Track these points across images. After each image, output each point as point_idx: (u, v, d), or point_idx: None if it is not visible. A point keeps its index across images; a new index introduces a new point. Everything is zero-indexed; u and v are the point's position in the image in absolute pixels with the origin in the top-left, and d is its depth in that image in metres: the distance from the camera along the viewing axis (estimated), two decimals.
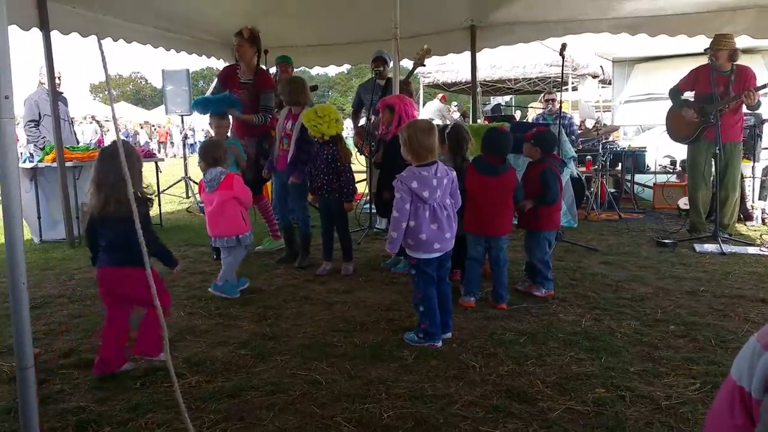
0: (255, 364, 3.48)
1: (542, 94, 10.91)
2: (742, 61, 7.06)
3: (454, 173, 3.85)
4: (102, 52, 2.04)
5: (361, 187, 7.88)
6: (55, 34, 6.85)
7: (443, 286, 3.90)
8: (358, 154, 7.45)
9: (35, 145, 7.92)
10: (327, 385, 3.17)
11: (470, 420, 2.76)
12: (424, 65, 7.31)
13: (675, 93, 7.38)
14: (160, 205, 8.78)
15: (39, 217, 7.34)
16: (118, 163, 2.93)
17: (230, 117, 6.28)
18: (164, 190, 9.31)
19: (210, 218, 4.96)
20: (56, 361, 3.59)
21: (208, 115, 6.27)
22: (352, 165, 5.63)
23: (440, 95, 15.55)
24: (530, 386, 3.10)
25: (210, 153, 4.96)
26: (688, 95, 7.33)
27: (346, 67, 12.66)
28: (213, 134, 6.27)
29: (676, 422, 2.69)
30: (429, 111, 14.06)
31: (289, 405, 2.96)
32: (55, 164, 7.08)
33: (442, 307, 3.83)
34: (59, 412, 2.93)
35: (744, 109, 7.07)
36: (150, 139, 34.50)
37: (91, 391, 3.17)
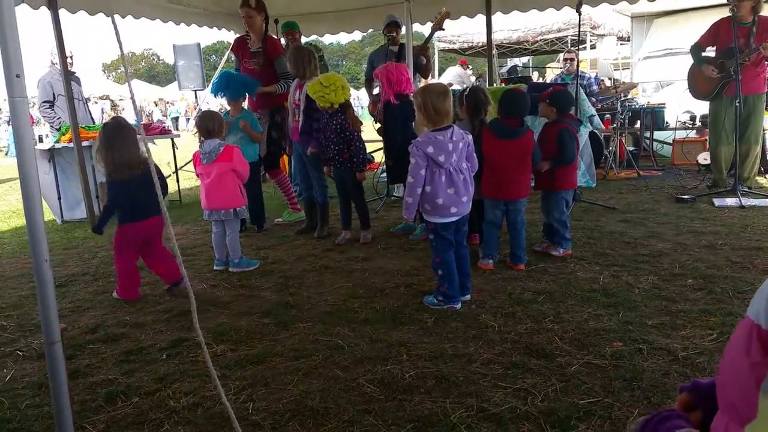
0: (278, 332, 3.59)
1: (561, 54, 10.82)
2: (766, 10, 6.95)
3: (470, 137, 3.87)
4: (116, 27, 2.08)
5: (379, 156, 7.93)
6: (65, 15, 6.90)
7: (461, 249, 3.95)
8: (374, 122, 7.49)
9: (51, 125, 8.05)
10: (349, 349, 3.27)
11: (489, 377, 2.84)
12: (443, 29, 7.28)
13: (696, 50, 7.28)
14: (178, 181, 8.89)
15: (59, 198, 7.48)
16: (124, 133, 4.19)
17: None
18: (182, 167, 9.38)
19: (207, 190, 4.93)
20: (83, 336, 3.71)
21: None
22: (362, 133, 5.65)
23: (460, 60, 15.44)
24: (548, 343, 3.18)
25: (203, 124, 4.99)
26: (710, 51, 7.24)
27: (359, 35, 12.60)
28: (229, 109, 6.29)
29: (692, 372, 2.75)
30: (449, 76, 13.98)
31: (312, 369, 3.05)
32: (72, 144, 7.19)
33: (460, 270, 3.90)
34: (88, 385, 3.04)
35: None
36: (165, 116, 34.68)
37: (119, 364, 3.28)
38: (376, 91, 7.38)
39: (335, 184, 5.77)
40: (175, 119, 32.47)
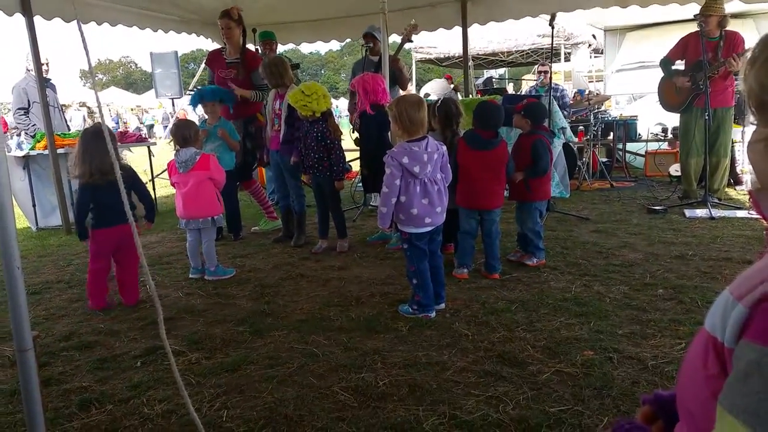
0: (253, 340, 3.58)
1: (535, 66, 10.92)
2: (733, 26, 7.10)
3: (444, 147, 3.91)
4: (82, 35, 2.06)
5: (356, 165, 7.94)
6: (41, 21, 6.85)
7: (435, 258, 3.98)
8: (352, 132, 7.50)
9: (26, 132, 7.95)
10: (324, 357, 3.27)
11: (462, 384, 2.86)
12: (412, 41, 7.32)
13: (665, 63, 7.42)
14: (154, 189, 8.82)
15: (34, 205, 7.40)
16: (101, 140, 4.01)
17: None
18: (158, 175, 9.32)
19: (184, 199, 4.91)
20: (57, 344, 3.68)
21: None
22: (342, 142, 5.67)
23: (445, 75, 15.54)
24: (521, 351, 3.21)
25: (179, 132, 4.95)
26: (679, 65, 7.37)
27: (337, 45, 12.61)
28: (207, 118, 6.28)
29: (661, 380, 2.80)
30: (429, 87, 14.07)
31: (287, 377, 3.06)
32: (46, 152, 7.11)
33: (435, 279, 3.92)
34: (62, 392, 3.02)
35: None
36: (141, 123, 34.39)
37: (93, 371, 3.26)
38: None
39: (313, 193, 5.78)
40: (150, 127, 32.31)
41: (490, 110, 4.63)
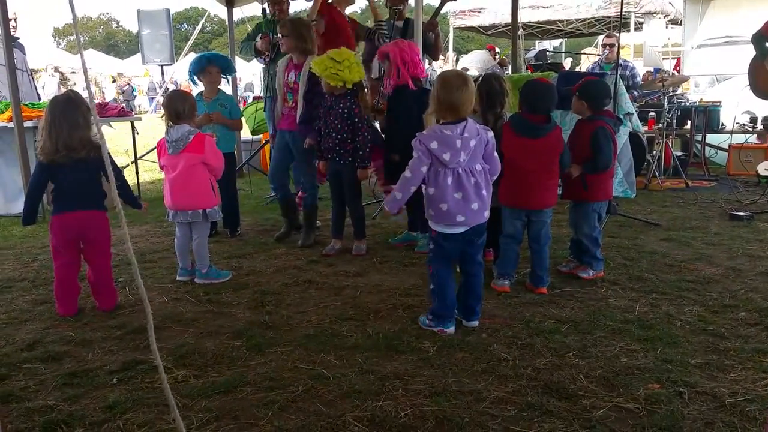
0: (251, 357, 3.60)
1: (599, 37, 10.86)
2: None
3: (491, 134, 3.86)
4: None
5: None
6: None
7: (474, 265, 3.97)
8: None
9: None
10: (334, 380, 3.29)
11: (500, 419, 2.87)
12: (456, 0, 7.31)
13: (758, 39, 7.31)
14: (137, 172, 8.89)
15: None
16: (72, 111, 4.11)
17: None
18: (142, 156, 9.37)
19: (172, 186, 4.92)
20: (19, 354, 3.71)
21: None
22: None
23: (488, 45, 15.56)
24: (571, 381, 3.20)
25: (172, 105, 4.93)
26: None
27: (359, 7, 12.59)
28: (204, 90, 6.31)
29: (741, 421, 2.78)
30: (470, 60, 14.07)
31: (290, 402, 3.07)
32: (11, 125, 7.16)
33: (470, 291, 3.95)
34: (24, 411, 3.04)
35: None
36: (120, 95, 34.62)
37: (61, 388, 3.29)
38: (374, 73, 7.39)
39: (329, 183, 5.78)
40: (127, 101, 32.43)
41: (541, 90, 4.60)
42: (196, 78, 6.20)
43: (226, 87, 6.52)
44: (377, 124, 6.25)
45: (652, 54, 12.82)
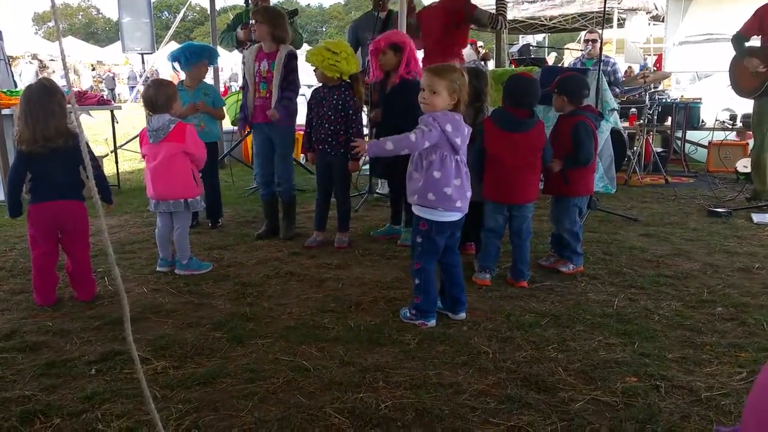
0: (231, 349, 3.61)
1: (582, 33, 10.89)
2: None
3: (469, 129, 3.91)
4: None
5: None
6: None
7: (453, 256, 4.01)
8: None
9: None
10: (315, 372, 3.30)
11: (480, 411, 2.89)
12: None
13: (738, 39, 7.37)
14: (117, 162, 8.86)
15: None
16: (47, 99, 4.11)
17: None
18: (122, 145, 9.34)
19: (152, 175, 4.90)
20: None
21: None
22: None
23: (470, 39, 15.53)
24: (550, 374, 3.24)
25: (152, 95, 4.89)
26: (756, 41, 7.33)
27: None
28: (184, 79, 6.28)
29: (716, 415, 2.82)
30: None
31: (270, 394, 3.09)
32: None
33: (452, 281, 3.98)
34: (1, 401, 3.03)
35: None
36: (101, 83, 34.38)
37: (38, 378, 3.28)
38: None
39: (317, 174, 5.77)
40: (111, 90, 32.27)
41: (525, 84, 4.62)
42: (178, 66, 6.17)
43: (207, 77, 6.45)
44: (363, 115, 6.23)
45: (634, 50, 12.89)
